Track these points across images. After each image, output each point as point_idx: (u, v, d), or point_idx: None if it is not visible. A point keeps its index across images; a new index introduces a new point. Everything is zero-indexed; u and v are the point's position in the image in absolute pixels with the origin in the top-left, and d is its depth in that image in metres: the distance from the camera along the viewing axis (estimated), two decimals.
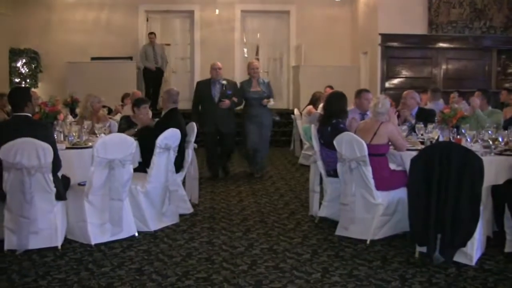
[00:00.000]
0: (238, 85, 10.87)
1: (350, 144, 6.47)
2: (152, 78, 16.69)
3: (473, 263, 5.61)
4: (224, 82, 10.50)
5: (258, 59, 18.33)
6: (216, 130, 10.47)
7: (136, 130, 7.85)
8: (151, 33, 16.96)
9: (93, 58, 17.04)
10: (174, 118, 7.71)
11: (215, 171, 10.70)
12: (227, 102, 10.35)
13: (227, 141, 10.69)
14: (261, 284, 5.19)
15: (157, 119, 8.20)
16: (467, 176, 5.36)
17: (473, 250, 5.60)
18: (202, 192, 8.90)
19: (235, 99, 10.53)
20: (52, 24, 17.49)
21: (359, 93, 8.44)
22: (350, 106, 8.55)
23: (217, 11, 17.75)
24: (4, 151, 5.76)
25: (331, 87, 12.61)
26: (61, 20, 17.53)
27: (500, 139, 6.53)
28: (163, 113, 8.08)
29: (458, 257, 5.63)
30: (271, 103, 10.71)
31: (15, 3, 16.89)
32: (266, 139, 10.84)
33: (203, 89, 10.61)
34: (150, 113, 9.16)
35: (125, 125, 8.19)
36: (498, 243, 6.11)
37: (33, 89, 12.32)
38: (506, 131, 6.81)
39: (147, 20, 18.13)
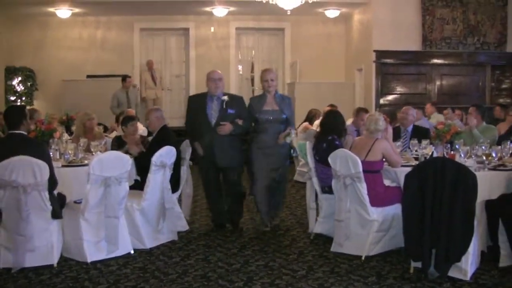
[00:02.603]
0: (246, 102, 8.03)
1: (345, 161, 6.50)
2: None
3: (468, 278, 5.62)
4: (225, 98, 7.68)
5: (253, 76, 18.43)
6: (212, 165, 7.74)
7: (126, 148, 7.80)
8: (127, 76, 15.51)
9: (88, 76, 17.08)
10: (167, 136, 7.65)
11: (219, 219, 8.02)
12: (227, 126, 7.54)
13: (229, 178, 7.85)
14: None
15: (150, 137, 8.16)
16: (460, 192, 5.39)
17: (467, 265, 5.62)
18: (197, 210, 8.91)
19: (239, 122, 7.72)
20: (47, 42, 17.53)
21: (358, 111, 8.70)
22: (347, 122, 8.65)
23: (212, 29, 17.86)
24: None
25: (333, 106, 12.55)
26: (56, 38, 17.58)
27: (493, 154, 6.57)
28: (154, 133, 7.95)
29: (452, 272, 5.64)
30: (292, 137, 7.67)
31: (10, 21, 16.94)
32: (282, 178, 7.92)
33: (195, 107, 7.85)
34: (141, 128, 9.13)
35: (116, 146, 8.17)
36: (492, 257, 6.13)
37: (28, 107, 12.32)
38: (500, 146, 6.86)
39: (141, 38, 18.18)
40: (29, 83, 17.23)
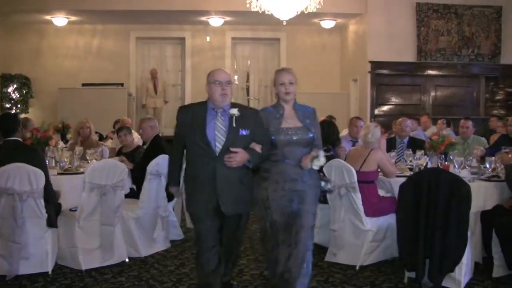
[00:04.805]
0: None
1: (340, 171, 6.52)
2: None
3: None
4: (235, 111, 5.00)
5: (248, 86, 18.43)
6: (215, 210, 4.93)
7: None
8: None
9: (84, 84, 17.07)
10: (161, 145, 7.63)
11: (206, 279, 5.05)
12: (240, 155, 4.85)
13: (232, 229, 5.17)
14: None
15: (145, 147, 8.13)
16: (454, 202, 5.41)
17: (461, 275, 5.65)
18: None
19: (257, 148, 4.98)
20: (43, 49, 17.52)
21: (352, 119, 8.72)
22: (342, 133, 8.68)
23: (208, 38, 17.88)
24: None
25: (331, 117, 12.43)
26: (52, 46, 17.58)
27: (487, 165, 6.61)
28: (147, 142, 7.93)
29: (446, 282, 5.66)
30: (322, 161, 4.98)
31: (6, 29, 16.95)
32: (306, 230, 5.04)
33: (190, 123, 5.03)
34: (137, 137, 9.11)
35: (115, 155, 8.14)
36: (486, 268, 6.16)
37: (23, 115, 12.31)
38: (493, 157, 6.88)
39: (137, 47, 18.20)
40: (24, 91, 17.20)
